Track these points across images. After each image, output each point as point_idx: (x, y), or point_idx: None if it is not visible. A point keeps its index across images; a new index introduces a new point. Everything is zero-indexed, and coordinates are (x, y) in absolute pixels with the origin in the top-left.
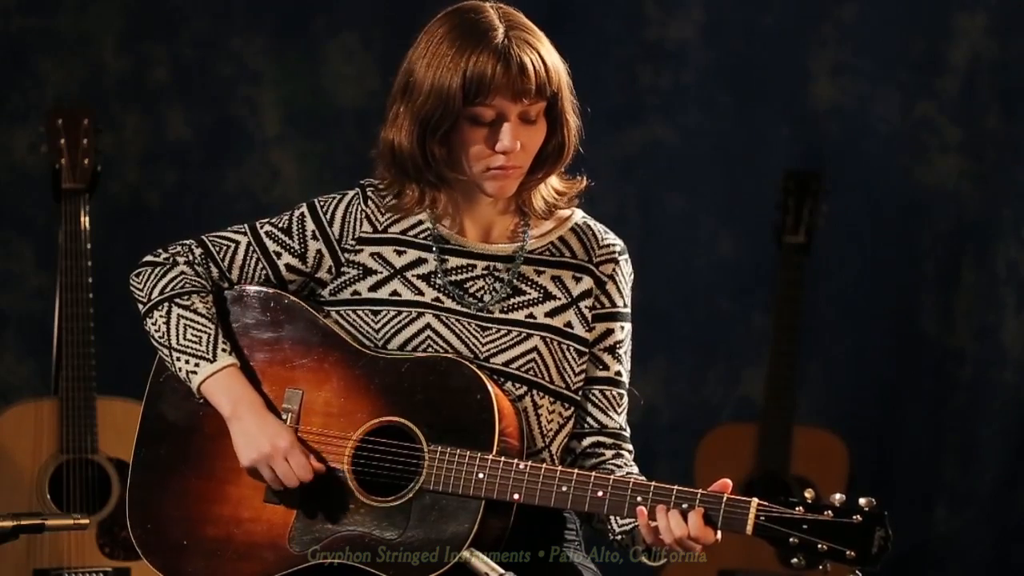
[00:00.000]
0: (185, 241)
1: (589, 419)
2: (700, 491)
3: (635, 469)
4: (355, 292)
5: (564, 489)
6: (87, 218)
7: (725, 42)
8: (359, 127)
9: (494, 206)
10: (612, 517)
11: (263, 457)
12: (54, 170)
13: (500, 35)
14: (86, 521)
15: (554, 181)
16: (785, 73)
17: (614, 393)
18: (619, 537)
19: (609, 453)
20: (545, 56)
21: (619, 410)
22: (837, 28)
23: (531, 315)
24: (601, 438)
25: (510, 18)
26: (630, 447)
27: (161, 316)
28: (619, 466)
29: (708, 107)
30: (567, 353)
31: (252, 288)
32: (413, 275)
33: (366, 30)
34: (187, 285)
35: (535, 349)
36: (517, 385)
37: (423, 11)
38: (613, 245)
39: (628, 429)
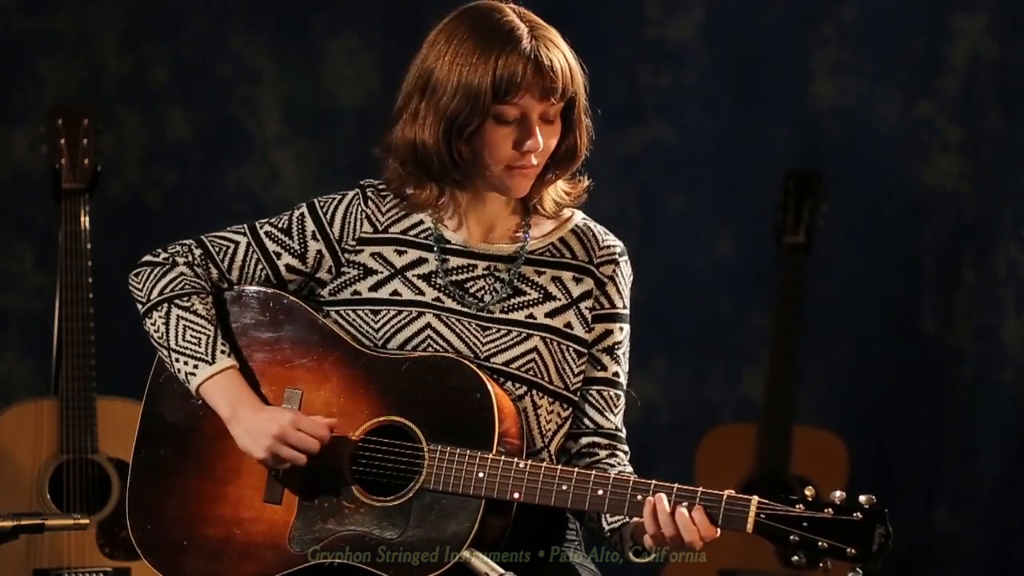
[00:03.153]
0: (184, 241)
1: (586, 419)
2: (700, 489)
3: (629, 469)
4: (355, 292)
5: (564, 488)
6: (87, 218)
7: (725, 42)
8: (359, 127)
9: (499, 206)
10: (604, 515)
11: (275, 439)
12: (54, 170)
13: (527, 35)
14: (86, 521)
15: (560, 181)
16: (785, 73)
17: (611, 394)
18: (608, 535)
19: (604, 453)
20: (569, 57)
21: (616, 411)
22: (837, 28)
23: (531, 315)
24: (597, 438)
25: (530, 18)
26: (626, 448)
27: (160, 317)
28: (613, 465)
29: (708, 107)
30: (567, 354)
31: (251, 288)
32: (414, 275)
33: (366, 30)
34: (187, 286)
35: (535, 349)
36: (517, 385)
37: (423, 11)
38: (613, 247)
39: (624, 430)
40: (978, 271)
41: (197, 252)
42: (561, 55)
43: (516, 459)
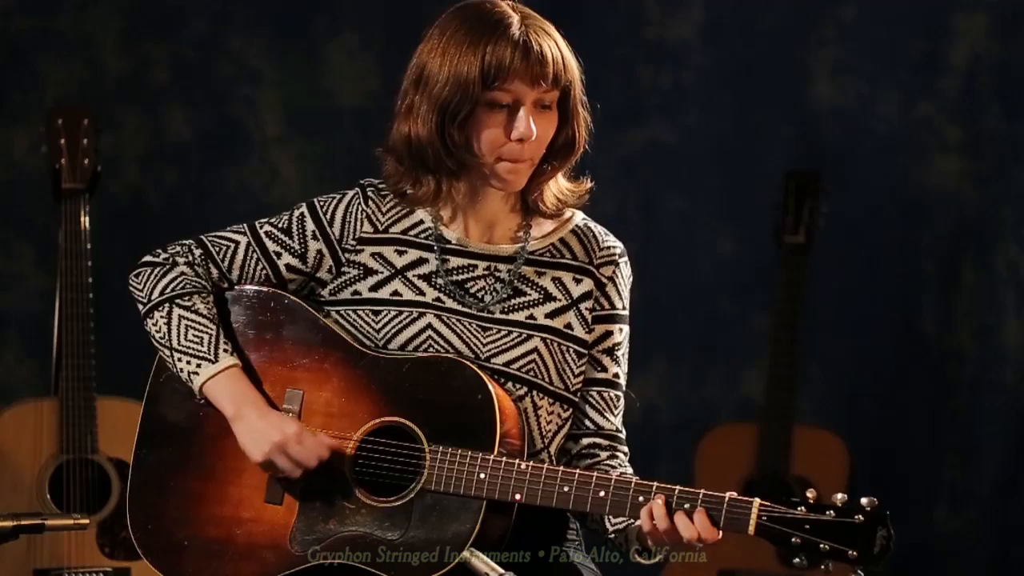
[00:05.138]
0: (184, 241)
1: (586, 420)
2: (702, 491)
3: (629, 470)
4: (355, 292)
5: (566, 489)
6: (87, 218)
7: (725, 42)
8: (359, 127)
9: (500, 205)
10: (607, 516)
11: (276, 447)
12: (54, 170)
13: (517, 23)
14: (86, 521)
15: (562, 180)
16: (785, 73)
17: (611, 395)
18: (612, 536)
19: (604, 455)
20: (562, 47)
21: (616, 412)
22: (837, 28)
23: (531, 316)
24: (597, 439)
25: (522, 10)
26: (625, 449)
27: (162, 317)
28: (613, 467)
29: (708, 107)
30: (567, 355)
31: (252, 288)
32: (414, 275)
33: (366, 30)
34: (187, 285)
35: (535, 350)
36: (517, 386)
37: (423, 11)
38: (613, 247)
39: (624, 431)
40: (978, 271)
41: (197, 252)
42: (552, 43)
43: (517, 460)
